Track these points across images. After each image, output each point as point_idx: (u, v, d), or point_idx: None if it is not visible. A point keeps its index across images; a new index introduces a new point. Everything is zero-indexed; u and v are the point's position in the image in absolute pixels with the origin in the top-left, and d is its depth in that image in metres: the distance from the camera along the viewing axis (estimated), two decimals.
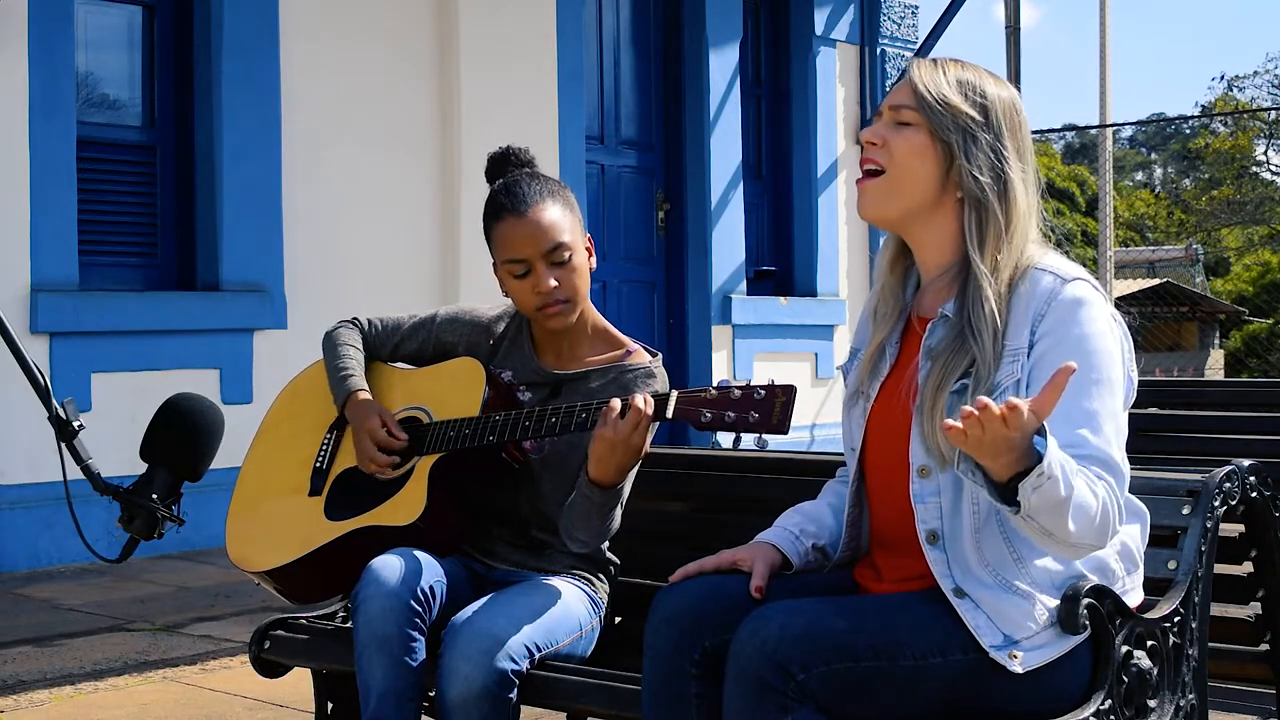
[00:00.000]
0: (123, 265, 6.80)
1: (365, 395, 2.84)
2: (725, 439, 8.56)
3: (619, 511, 2.66)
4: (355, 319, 3.02)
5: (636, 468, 2.61)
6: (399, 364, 3.00)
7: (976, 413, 1.85)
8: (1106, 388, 2.09)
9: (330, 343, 2.96)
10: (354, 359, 2.91)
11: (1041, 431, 1.90)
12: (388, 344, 2.98)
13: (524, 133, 7.43)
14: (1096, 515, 1.99)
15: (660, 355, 2.87)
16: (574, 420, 2.57)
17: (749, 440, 2.43)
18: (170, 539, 3.05)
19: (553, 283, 2.75)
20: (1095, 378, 2.08)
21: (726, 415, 2.40)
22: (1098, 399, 2.06)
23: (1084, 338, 2.09)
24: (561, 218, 2.78)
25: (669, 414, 2.46)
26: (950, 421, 1.88)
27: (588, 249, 2.84)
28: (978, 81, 2.23)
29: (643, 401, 2.47)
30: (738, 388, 2.41)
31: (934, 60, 2.27)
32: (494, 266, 2.85)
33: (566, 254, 2.76)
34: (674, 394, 2.48)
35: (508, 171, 2.89)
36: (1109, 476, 2.03)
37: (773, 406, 2.37)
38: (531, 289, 2.77)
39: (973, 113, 2.20)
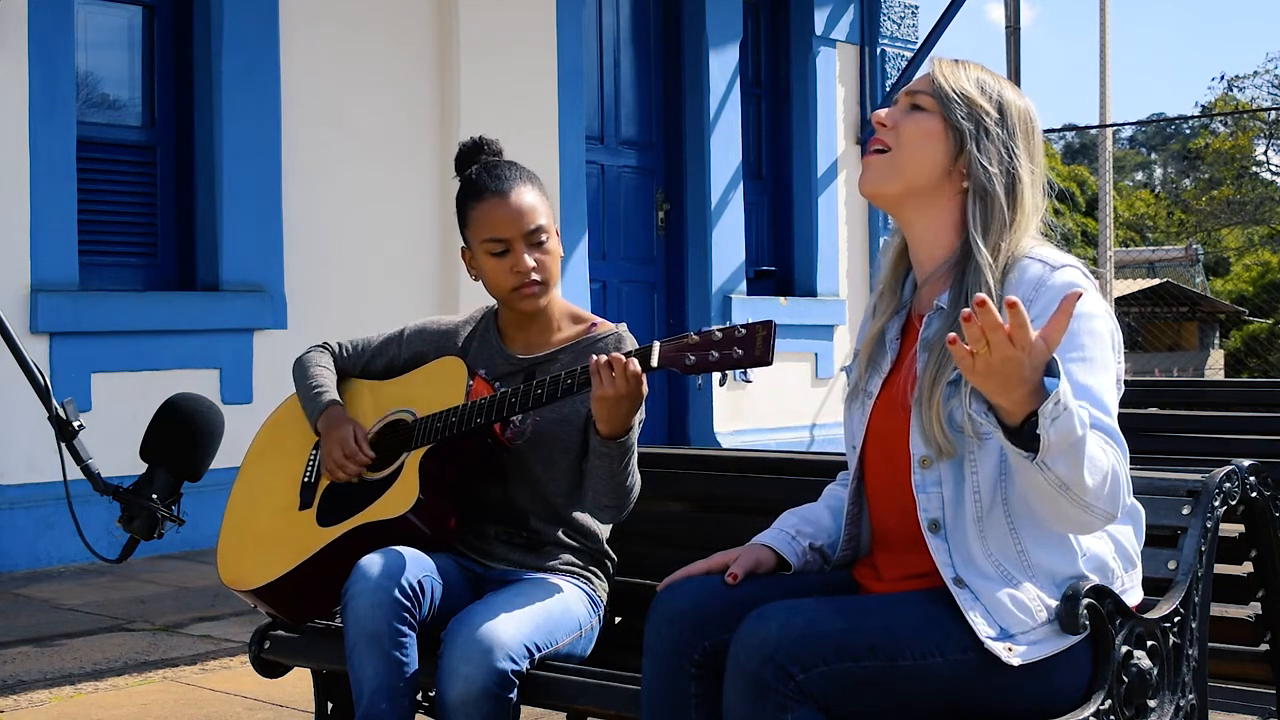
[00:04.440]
0: (123, 265, 6.80)
1: (340, 408, 2.87)
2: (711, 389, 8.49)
3: (635, 464, 2.67)
4: (325, 343, 3.05)
5: (642, 413, 2.63)
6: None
7: (974, 312, 1.85)
8: (1100, 366, 2.10)
9: (300, 367, 2.99)
10: (325, 377, 2.94)
11: (1051, 370, 1.90)
12: (358, 363, 3.00)
13: (524, 133, 7.46)
14: (1108, 477, 1.99)
15: (625, 324, 2.91)
16: (560, 387, 2.59)
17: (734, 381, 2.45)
18: (170, 539, 3.05)
19: (532, 263, 2.79)
20: (1088, 356, 2.09)
21: (710, 355, 2.42)
22: (1092, 376, 2.07)
23: (1074, 318, 2.09)
24: (539, 202, 2.84)
25: (654, 363, 2.48)
26: (955, 336, 1.89)
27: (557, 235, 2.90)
28: (997, 85, 2.28)
29: (631, 362, 2.48)
30: (719, 330, 2.43)
31: (957, 60, 2.31)
32: (462, 250, 2.89)
33: (544, 236, 2.82)
34: (657, 344, 2.49)
35: (480, 160, 2.91)
36: (1114, 446, 2.03)
37: (754, 341, 2.39)
38: (510, 269, 2.80)
39: (989, 108, 2.25)
